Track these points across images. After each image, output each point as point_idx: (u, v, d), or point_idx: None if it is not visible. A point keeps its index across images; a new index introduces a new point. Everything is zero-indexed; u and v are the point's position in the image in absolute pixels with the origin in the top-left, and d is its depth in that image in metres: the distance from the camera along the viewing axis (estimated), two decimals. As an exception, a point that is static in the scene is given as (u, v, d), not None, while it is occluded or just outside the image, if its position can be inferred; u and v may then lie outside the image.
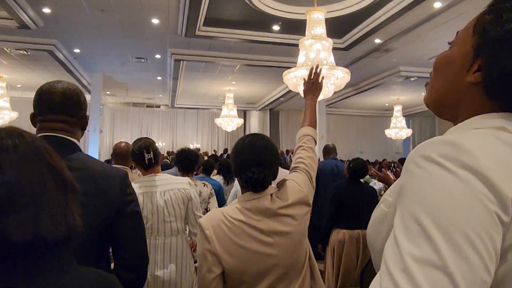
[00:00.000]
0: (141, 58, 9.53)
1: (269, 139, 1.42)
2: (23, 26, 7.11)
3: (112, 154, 3.18)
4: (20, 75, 11.04)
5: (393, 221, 0.53)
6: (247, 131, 16.61)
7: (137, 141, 2.28)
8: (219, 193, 3.52)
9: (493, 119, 0.59)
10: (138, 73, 11.00)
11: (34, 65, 9.95)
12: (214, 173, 4.80)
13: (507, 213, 0.46)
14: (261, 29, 7.53)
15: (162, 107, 16.74)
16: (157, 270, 2.07)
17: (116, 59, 9.58)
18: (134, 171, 4.48)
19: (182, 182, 2.28)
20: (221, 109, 12.76)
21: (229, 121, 12.45)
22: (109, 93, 13.99)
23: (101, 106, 12.38)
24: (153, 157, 2.18)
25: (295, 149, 1.57)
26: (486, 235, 0.45)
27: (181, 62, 9.16)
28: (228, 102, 12.37)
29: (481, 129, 0.57)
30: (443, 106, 0.69)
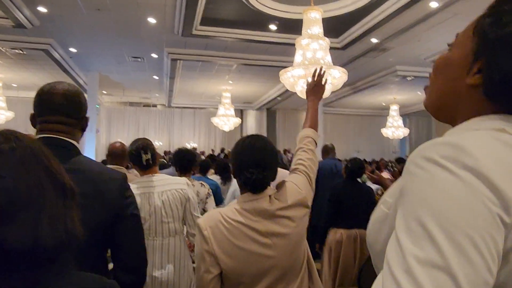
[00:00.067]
0: (137, 58, 9.50)
1: (268, 140, 1.41)
2: (18, 25, 7.07)
3: (107, 154, 3.14)
4: (16, 75, 10.98)
5: (394, 222, 0.53)
6: (244, 131, 16.60)
7: (134, 142, 2.27)
8: (216, 192, 3.52)
9: (492, 120, 0.59)
10: (134, 73, 10.97)
11: (30, 65, 9.90)
12: (211, 172, 4.79)
13: (509, 214, 0.46)
14: (258, 28, 7.53)
15: (158, 106, 16.70)
16: (155, 271, 2.05)
17: (112, 58, 9.55)
18: (131, 171, 4.46)
19: (180, 182, 2.27)
20: (218, 109, 12.76)
21: (226, 121, 12.45)
22: (105, 92, 13.95)
23: (98, 106, 12.33)
24: (151, 157, 2.17)
25: (295, 151, 1.57)
26: (488, 237, 0.45)
27: (178, 61, 9.14)
28: (225, 101, 12.36)
29: (481, 131, 0.58)
30: (443, 109, 0.69)
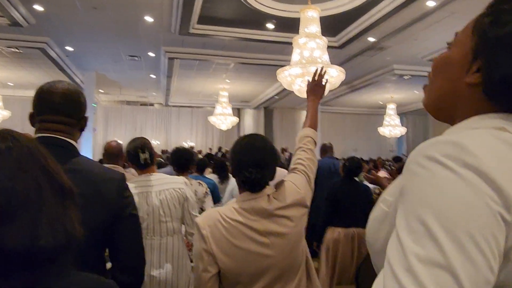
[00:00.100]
0: (134, 56, 9.47)
1: (267, 139, 1.41)
2: (14, 24, 7.03)
3: (103, 153, 3.13)
4: (12, 73, 10.92)
5: (394, 221, 0.53)
6: (241, 130, 16.58)
7: (132, 141, 2.26)
8: (213, 191, 3.52)
9: (492, 119, 0.59)
10: (131, 71, 10.94)
11: (26, 63, 9.84)
12: (209, 171, 4.79)
13: (510, 213, 0.46)
14: (255, 27, 7.52)
15: (156, 105, 16.67)
16: (153, 270, 2.05)
17: (109, 57, 9.51)
18: (128, 170, 4.45)
19: (178, 181, 2.26)
20: (215, 107, 12.74)
21: (223, 120, 12.42)
22: (102, 91, 13.90)
23: (94, 105, 12.29)
24: (149, 157, 2.16)
25: (295, 150, 1.57)
26: (490, 235, 0.45)
27: (175, 60, 9.13)
28: (222, 100, 12.34)
29: (481, 129, 0.58)
30: (442, 108, 0.69)
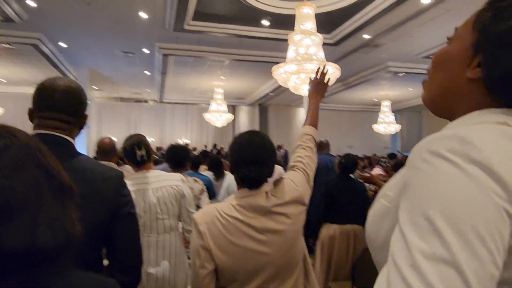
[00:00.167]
0: (128, 53, 9.41)
1: (266, 136, 1.40)
2: (7, 19, 6.94)
3: (96, 150, 3.09)
4: (5, 69, 10.81)
5: (396, 216, 0.53)
6: (236, 127, 16.58)
7: (129, 137, 2.24)
8: (209, 188, 3.51)
9: (494, 114, 0.59)
10: (125, 68, 10.87)
11: (19, 59, 9.73)
12: (204, 168, 4.77)
13: None
14: (250, 24, 7.50)
15: (150, 102, 16.59)
16: (150, 267, 2.04)
17: (103, 53, 9.45)
18: (123, 167, 4.42)
19: (175, 178, 2.25)
20: (210, 104, 12.71)
21: (218, 117, 12.41)
22: (96, 88, 13.80)
23: (88, 101, 12.19)
24: (145, 153, 2.15)
25: (294, 148, 1.57)
26: (495, 230, 0.45)
27: (170, 56, 9.08)
28: (217, 97, 12.32)
29: (483, 124, 0.57)
30: (441, 103, 0.69)
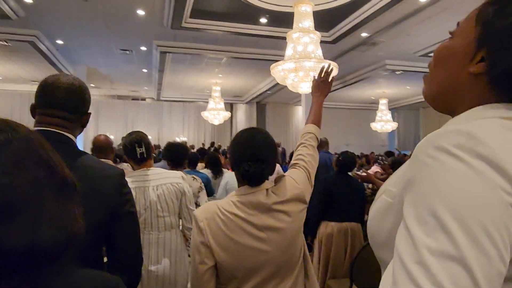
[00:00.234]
0: (126, 50, 9.36)
1: (268, 133, 1.40)
2: (3, 16, 6.89)
3: (91, 148, 3.04)
4: (1, 67, 10.74)
5: (400, 212, 0.53)
6: (234, 125, 16.58)
7: (129, 135, 2.24)
8: (207, 185, 3.51)
9: (497, 109, 0.58)
10: (123, 65, 10.82)
11: (16, 57, 9.67)
12: (202, 166, 4.77)
13: None
14: (248, 21, 7.47)
15: (147, 99, 16.54)
16: (151, 265, 2.04)
17: (100, 50, 9.40)
18: (119, 165, 4.41)
19: (175, 176, 2.25)
20: (207, 102, 12.69)
21: (216, 114, 12.41)
22: (93, 85, 13.73)
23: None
24: (145, 151, 2.14)
25: (296, 146, 1.57)
26: (502, 226, 0.45)
27: (167, 54, 9.04)
28: (214, 95, 12.30)
29: (488, 119, 0.56)
30: (443, 98, 0.68)
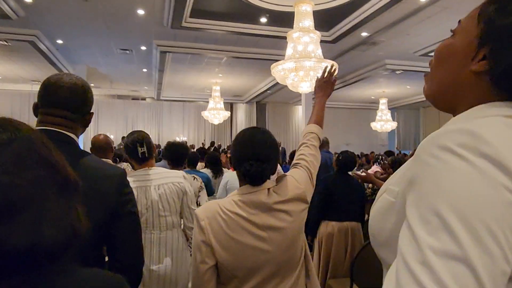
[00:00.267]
0: (126, 50, 9.36)
1: (269, 133, 1.39)
2: (3, 16, 6.89)
3: (90, 148, 3.04)
4: (1, 67, 10.74)
5: (402, 211, 0.52)
6: (233, 124, 16.60)
7: (130, 134, 2.24)
8: (207, 184, 3.51)
9: (499, 107, 0.58)
10: (123, 65, 10.82)
11: (15, 56, 9.68)
12: (202, 166, 4.77)
13: None
14: (248, 21, 7.47)
15: (147, 99, 16.54)
16: (152, 264, 2.04)
17: (100, 50, 9.40)
18: (119, 165, 4.42)
19: (177, 175, 2.24)
20: (207, 102, 12.70)
21: (216, 114, 12.41)
22: (93, 85, 13.74)
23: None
24: (147, 150, 2.14)
25: (298, 146, 1.57)
26: (506, 226, 0.44)
27: (167, 54, 9.04)
28: (214, 94, 12.31)
29: (490, 117, 0.56)
30: (445, 97, 0.68)
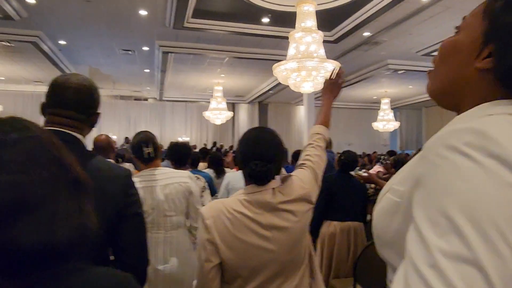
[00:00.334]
0: (128, 50, 9.39)
1: (275, 133, 1.40)
2: (6, 17, 6.92)
3: (92, 148, 3.07)
4: (3, 67, 10.78)
5: (408, 212, 0.52)
6: (236, 124, 16.60)
7: (136, 135, 2.25)
8: (210, 184, 3.52)
9: (504, 106, 0.57)
10: (125, 66, 10.84)
11: (18, 57, 9.71)
12: (204, 166, 4.78)
13: None
14: (250, 21, 7.48)
15: (150, 100, 16.56)
16: (158, 264, 2.05)
17: (102, 51, 9.42)
18: (122, 164, 4.42)
19: (183, 175, 2.25)
20: (209, 102, 12.71)
21: (218, 114, 12.43)
22: (95, 85, 13.78)
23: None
24: (153, 151, 2.15)
25: (304, 146, 1.57)
26: None
27: (169, 54, 9.05)
28: (216, 95, 12.32)
29: (495, 116, 0.55)
30: (448, 94, 0.66)
